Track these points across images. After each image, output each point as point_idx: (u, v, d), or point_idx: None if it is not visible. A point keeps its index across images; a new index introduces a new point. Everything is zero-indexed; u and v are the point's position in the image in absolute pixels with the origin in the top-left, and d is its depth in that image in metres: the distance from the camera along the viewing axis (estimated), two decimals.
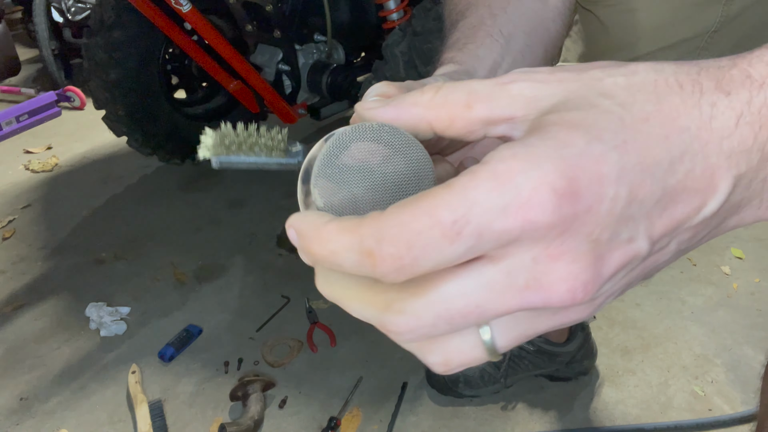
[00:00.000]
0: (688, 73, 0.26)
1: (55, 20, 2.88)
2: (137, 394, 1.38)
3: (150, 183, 2.31)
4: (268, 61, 2.02)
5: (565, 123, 0.24)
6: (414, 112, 0.28)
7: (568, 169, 0.22)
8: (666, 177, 0.24)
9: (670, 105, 0.25)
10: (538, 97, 0.26)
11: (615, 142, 0.23)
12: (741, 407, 1.33)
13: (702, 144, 0.24)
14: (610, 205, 0.23)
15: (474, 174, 0.23)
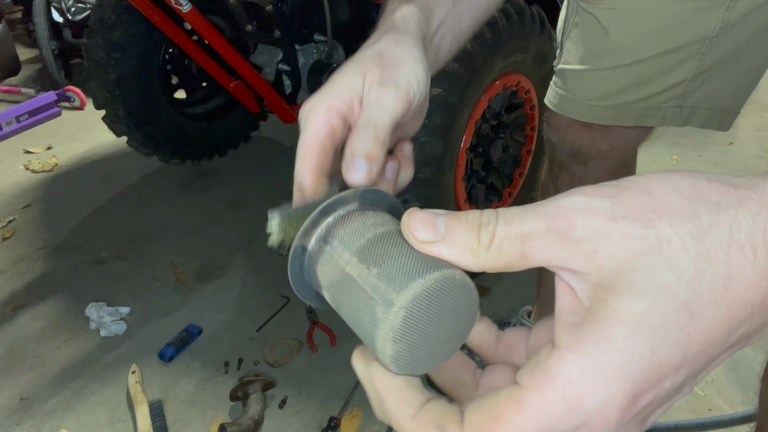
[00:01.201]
0: (764, 231, 0.24)
1: (55, 20, 2.88)
2: (137, 394, 1.38)
3: (150, 183, 2.31)
4: (268, 61, 2.02)
5: (633, 322, 0.24)
6: (469, 261, 0.28)
7: (634, 388, 0.24)
8: (720, 348, 0.25)
9: (740, 282, 0.24)
10: (598, 253, 0.25)
11: (681, 340, 0.24)
12: (741, 407, 1.33)
13: (762, 310, 0.25)
14: (666, 394, 0.25)
15: (542, 394, 0.24)
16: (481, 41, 1.41)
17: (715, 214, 0.24)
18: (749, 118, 2.66)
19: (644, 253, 0.24)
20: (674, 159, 2.36)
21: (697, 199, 0.25)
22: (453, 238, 0.28)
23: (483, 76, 1.47)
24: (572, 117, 0.96)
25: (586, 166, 1.03)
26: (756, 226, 0.24)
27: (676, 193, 0.25)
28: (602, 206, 0.25)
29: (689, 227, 0.24)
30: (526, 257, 0.26)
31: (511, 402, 0.24)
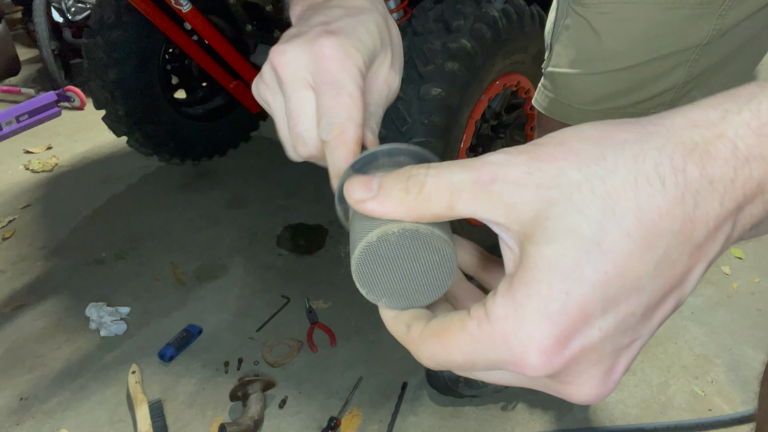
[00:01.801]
0: (672, 159, 0.25)
1: (55, 20, 2.88)
2: (137, 394, 1.38)
3: (150, 183, 2.31)
4: None
5: (547, 267, 0.25)
6: (399, 211, 0.30)
7: (552, 328, 0.25)
8: (653, 281, 0.25)
9: (651, 211, 0.25)
10: (517, 205, 0.26)
11: (596, 278, 0.25)
12: (741, 407, 1.33)
13: (686, 235, 0.25)
14: (602, 335, 0.26)
15: (480, 327, 0.27)
16: (481, 41, 1.41)
17: (621, 152, 0.25)
18: None
19: (557, 201, 0.26)
20: None
21: (603, 141, 0.26)
22: (384, 193, 0.30)
23: (483, 76, 1.47)
24: (562, 121, 0.95)
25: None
26: (662, 157, 0.25)
27: (585, 140, 0.26)
28: (520, 160, 0.27)
29: (596, 169, 0.25)
30: (453, 208, 0.28)
31: (459, 322, 0.28)
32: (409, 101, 1.36)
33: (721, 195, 0.25)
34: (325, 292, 1.71)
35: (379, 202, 0.30)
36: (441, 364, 0.29)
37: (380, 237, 0.32)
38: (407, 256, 0.32)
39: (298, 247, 1.90)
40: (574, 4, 0.87)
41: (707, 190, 0.25)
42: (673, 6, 0.78)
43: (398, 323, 0.33)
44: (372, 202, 0.30)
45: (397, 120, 1.37)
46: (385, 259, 0.33)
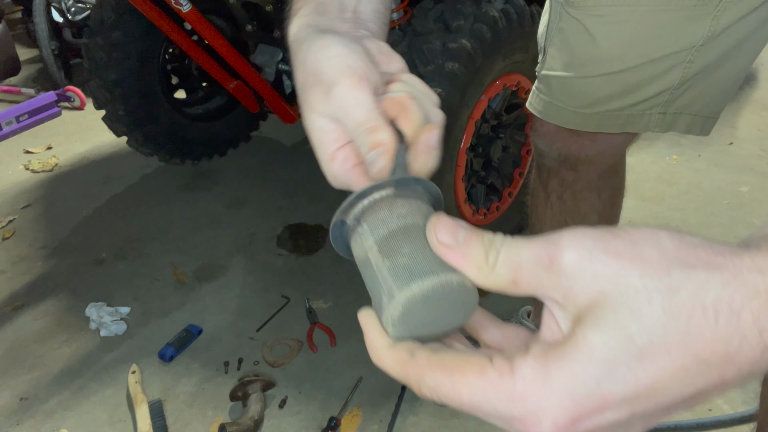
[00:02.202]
0: (731, 299, 0.26)
1: (55, 20, 2.88)
2: (137, 394, 1.38)
3: (150, 183, 2.31)
4: (268, 61, 2.01)
5: (588, 352, 0.27)
6: (472, 274, 0.32)
7: (572, 406, 0.27)
8: (672, 399, 0.27)
9: (697, 340, 0.26)
10: (574, 290, 0.28)
11: (627, 378, 0.26)
12: (741, 407, 1.33)
13: (720, 371, 0.27)
14: (608, 425, 0.28)
15: (500, 378, 0.28)
16: (481, 41, 1.41)
17: (687, 276, 0.27)
18: (749, 118, 2.66)
19: (613, 297, 0.27)
20: (674, 159, 2.36)
21: (674, 259, 0.27)
22: (467, 250, 0.32)
23: (483, 76, 1.47)
24: (558, 124, 0.95)
25: (575, 171, 1.03)
26: (723, 294, 0.26)
27: (658, 250, 0.28)
28: (586, 245, 0.28)
29: (658, 283, 0.27)
30: (516, 284, 0.30)
31: (477, 367, 0.29)
32: None
33: (765, 345, 0.26)
34: (325, 292, 1.71)
35: (461, 256, 0.32)
36: (442, 396, 0.30)
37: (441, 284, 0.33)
38: (446, 304, 0.34)
39: (298, 247, 1.90)
40: (568, 7, 0.86)
41: (755, 338, 0.26)
42: (668, 8, 0.78)
43: (399, 350, 0.32)
44: (454, 253, 0.32)
45: None
46: (434, 306, 0.33)
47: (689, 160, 2.35)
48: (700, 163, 2.34)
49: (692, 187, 2.19)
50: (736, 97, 2.82)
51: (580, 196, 1.07)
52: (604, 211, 1.09)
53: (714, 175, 2.26)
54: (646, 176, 2.26)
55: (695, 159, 2.36)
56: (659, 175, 2.27)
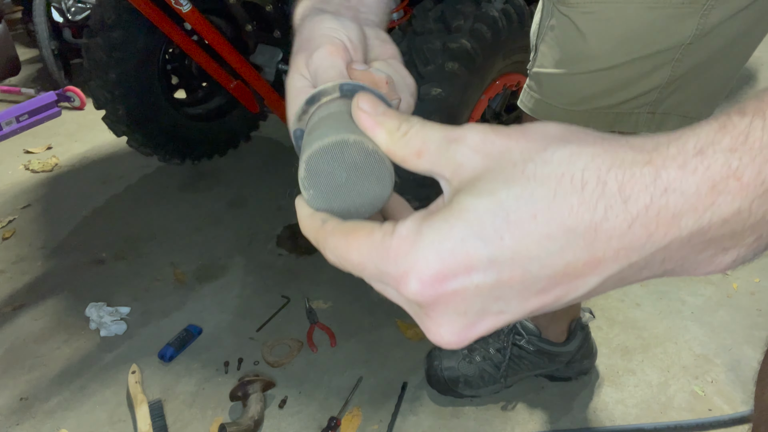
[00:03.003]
0: (599, 168, 0.27)
1: (55, 20, 2.88)
2: (137, 394, 1.38)
3: (150, 183, 2.31)
4: (268, 61, 2.01)
5: (458, 213, 0.28)
6: (381, 137, 0.34)
7: (436, 262, 0.28)
8: (541, 268, 0.28)
9: (563, 205, 0.27)
10: (464, 166, 0.30)
11: (492, 238, 0.27)
12: (741, 407, 1.33)
13: (588, 242, 0.27)
14: (476, 290, 0.28)
15: (382, 238, 0.30)
16: (481, 41, 1.41)
17: (560, 149, 0.28)
18: None
19: (492, 169, 0.29)
20: None
21: (555, 138, 0.29)
22: (383, 118, 0.34)
23: (483, 76, 1.47)
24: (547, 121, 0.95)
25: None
26: (592, 163, 0.27)
27: (541, 133, 0.29)
28: (485, 132, 0.30)
29: (534, 155, 0.28)
30: (420, 156, 0.32)
31: (369, 228, 0.31)
32: None
33: (632, 217, 0.26)
34: (325, 292, 1.71)
35: (375, 122, 0.34)
36: (338, 259, 0.32)
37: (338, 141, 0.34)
38: (355, 167, 0.35)
39: (298, 247, 1.90)
40: (558, 5, 0.87)
41: (619, 208, 0.26)
42: (657, 5, 0.78)
43: (315, 218, 0.35)
44: (369, 119, 0.34)
45: None
46: (335, 164, 0.35)
47: None
48: None
49: None
50: (736, 97, 2.82)
51: None
52: None
53: None
54: None
55: None
56: None
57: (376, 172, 0.35)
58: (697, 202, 0.26)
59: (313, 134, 0.36)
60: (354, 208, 0.36)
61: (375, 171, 0.35)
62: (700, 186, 0.26)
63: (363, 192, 0.36)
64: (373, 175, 0.35)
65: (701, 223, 0.26)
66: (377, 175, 0.35)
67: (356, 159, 0.35)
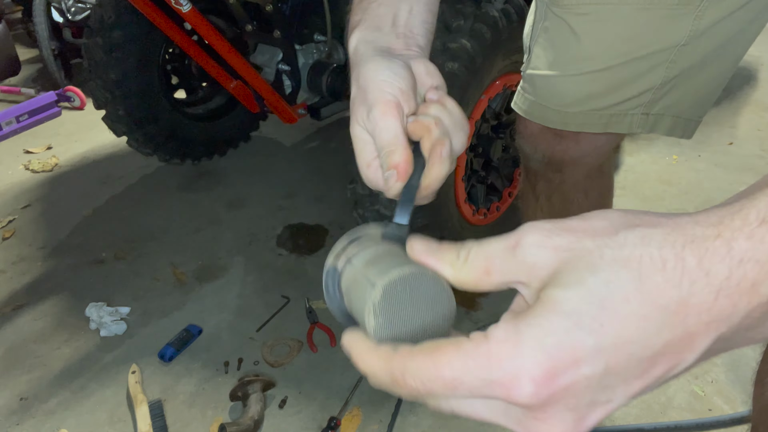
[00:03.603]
0: (674, 246, 0.28)
1: (55, 20, 2.88)
2: (137, 394, 1.38)
3: (150, 183, 2.31)
4: (268, 61, 2.01)
5: (552, 307, 0.28)
6: (447, 272, 0.35)
7: (546, 360, 0.28)
8: (642, 350, 0.28)
9: (650, 285, 0.28)
10: (538, 265, 0.31)
11: (593, 327, 0.28)
12: (741, 407, 1.33)
13: (681, 318, 0.28)
14: (586, 382, 0.28)
15: (477, 346, 0.29)
16: (481, 41, 1.41)
17: (631, 232, 0.29)
18: (749, 118, 2.66)
19: (570, 260, 0.30)
20: (674, 159, 2.36)
21: (620, 224, 0.30)
22: (440, 253, 0.35)
23: (483, 76, 1.47)
24: (541, 123, 0.95)
25: (560, 173, 1.03)
26: (666, 241, 0.28)
27: (604, 220, 0.31)
28: (543, 227, 0.31)
29: (608, 241, 0.29)
30: (489, 273, 0.32)
31: (455, 343, 0.30)
32: None
33: (716, 289, 0.27)
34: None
35: (435, 258, 0.35)
36: (425, 382, 0.30)
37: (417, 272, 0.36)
38: (424, 299, 0.36)
39: (298, 247, 1.90)
40: (552, 6, 0.87)
41: (703, 282, 0.27)
42: (651, 6, 0.78)
43: (382, 349, 0.33)
44: (428, 257, 0.36)
45: None
46: (407, 297, 0.36)
47: (689, 160, 2.35)
48: (700, 163, 2.34)
49: (692, 187, 2.19)
50: (736, 97, 2.82)
51: (568, 197, 1.07)
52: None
53: (714, 175, 2.26)
54: (646, 176, 2.26)
55: (695, 159, 2.36)
56: (659, 175, 2.27)
57: (443, 306, 0.37)
58: None
59: (378, 266, 0.38)
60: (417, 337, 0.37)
61: (442, 305, 0.37)
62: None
63: (428, 326, 0.37)
64: (440, 309, 0.37)
65: None
66: (445, 308, 0.37)
67: (430, 291, 0.36)
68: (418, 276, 0.36)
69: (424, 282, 0.36)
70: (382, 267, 0.38)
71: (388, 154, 0.48)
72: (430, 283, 0.36)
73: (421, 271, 0.36)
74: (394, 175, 0.47)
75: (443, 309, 0.37)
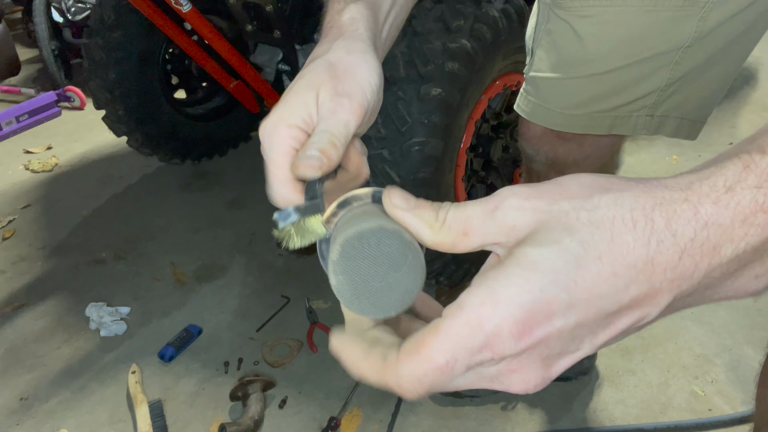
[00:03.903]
0: (644, 208, 0.30)
1: (55, 20, 2.88)
2: (137, 394, 1.38)
3: (150, 183, 2.31)
4: (268, 61, 2.01)
5: (528, 265, 0.30)
6: (424, 232, 0.35)
7: (522, 315, 0.29)
8: (610, 305, 0.30)
9: (621, 243, 0.30)
10: (516, 226, 0.32)
11: (567, 284, 0.29)
12: (741, 407, 1.33)
13: (647, 275, 0.30)
14: (558, 334, 0.30)
15: (455, 320, 0.30)
16: (481, 41, 1.41)
17: (604, 195, 0.31)
18: (749, 118, 2.66)
19: (548, 221, 0.31)
20: (674, 159, 2.36)
21: (593, 186, 0.32)
22: (418, 210, 0.35)
23: (483, 76, 1.47)
24: (545, 125, 0.95)
25: (563, 174, 1.03)
26: (636, 203, 0.30)
27: (578, 184, 0.32)
28: (522, 191, 0.32)
29: (583, 203, 0.31)
30: (467, 235, 0.33)
31: (432, 329, 0.31)
32: (409, 101, 1.36)
33: (681, 249, 0.29)
34: (325, 292, 1.71)
35: (414, 215, 0.35)
36: (423, 376, 0.31)
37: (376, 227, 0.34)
38: (390, 256, 0.35)
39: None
40: (555, 8, 0.86)
41: (670, 241, 0.29)
42: (655, 8, 0.78)
43: (371, 358, 0.34)
44: (407, 213, 0.35)
45: (397, 120, 1.37)
46: (371, 251, 0.35)
47: (689, 160, 2.35)
48: (700, 163, 2.34)
49: None
50: (736, 97, 2.82)
51: None
52: None
53: None
54: (646, 176, 2.25)
55: (695, 159, 2.36)
56: (659, 175, 2.26)
57: (411, 263, 0.35)
58: (732, 234, 0.29)
59: (349, 223, 0.37)
60: (383, 304, 0.35)
61: (409, 262, 0.35)
62: (734, 219, 0.29)
63: (394, 285, 0.35)
64: (407, 267, 0.35)
65: (737, 252, 0.30)
66: (411, 267, 0.35)
67: (392, 248, 0.35)
68: (378, 232, 0.34)
69: (386, 239, 0.34)
70: (353, 222, 0.36)
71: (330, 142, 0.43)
72: (394, 240, 0.34)
73: (383, 226, 0.34)
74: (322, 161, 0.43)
75: (410, 268, 0.35)
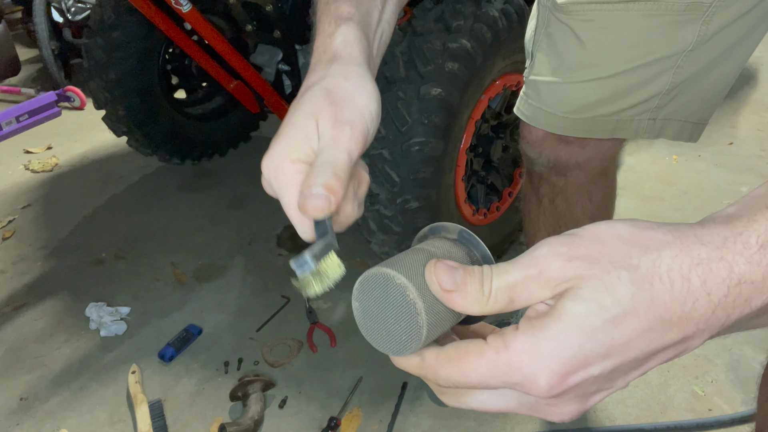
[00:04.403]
0: (681, 268, 0.33)
1: (55, 20, 2.88)
2: (137, 394, 1.38)
3: (150, 183, 2.31)
4: (268, 61, 2.01)
5: (570, 322, 0.32)
6: (474, 310, 0.37)
7: (561, 368, 0.33)
8: (645, 353, 0.33)
9: (659, 304, 0.32)
10: (559, 282, 0.34)
11: (604, 340, 0.32)
12: (741, 407, 1.33)
13: (681, 327, 0.33)
14: (594, 379, 0.34)
15: (498, 354, 0.34)
16: (481, 41, 1.41)
17: (643, 255, 0.33)
18: (749, 118, 2.66)
19: (587, 277, 0.33)
20: (674, 159, 2.36)
21: (631, 243, 0.34)
22: (466, 290, 0.37)
23: (483, 76, 1.47)
24: (547, 130, 0.94)
25: (565, 177, 1.02)
26: (674, 263, 0.33)
27: (617, 239, 0.34)
28: (562, 252, 0.34)
29: (622, 263, 0.33)
30: (513, 301, 0.36)
31: (477, 349, 0.35)
32: (409, 101, 1.36)
33: (714, 306, 0.33)
34: (325, 292, 1.71)
35: (462, 296, 0.36)
36: (456, 384, 0.36)
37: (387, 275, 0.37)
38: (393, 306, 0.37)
39: (298, 247, 1.90)
40: (556, 12, 0.86)
41: (704, 299, 0.32)
42: (658, 13, 0.78)
43: (410, 360, 0.39)
44: (456, 296, 0.37)
45: (397, 120, 1.37)
46: (379, 293, 0.38)
47: (689, 160, 2.35)
48: (700, 163, 2.34)
49: (692, 187, 2.19)
50: (736, 96, 2.82)
51: (571, 200, 1.07)
52: (596, 215, 1.09)
53: (714, 175, 2.26)
54: (646, 176, 2.26)
55: (695, 159, 2.36)
56: (659, 175, 2.27)
57: (408, 322, 0.37)
58: (764, 287, 0.33)
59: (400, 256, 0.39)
60: (381, 343, 0.39)
61: (408, 320, 0.37)
62: (765, 275, 0.32)
63: (392, 333, 0.38)
64: (405, 323, 0.37)
65: (765, 300, 0.33)
66: (409, 325, 0.37)
67: (396, 300, 0.37)
68: (393, 284, 0.37)
69: (394, 294, 0.37)
70: (396, 259, 0.39)
71: (334, 175, 0.45)
72: (404, 301, 0.37)
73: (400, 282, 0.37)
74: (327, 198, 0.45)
75: (409, 331, 0.37)
